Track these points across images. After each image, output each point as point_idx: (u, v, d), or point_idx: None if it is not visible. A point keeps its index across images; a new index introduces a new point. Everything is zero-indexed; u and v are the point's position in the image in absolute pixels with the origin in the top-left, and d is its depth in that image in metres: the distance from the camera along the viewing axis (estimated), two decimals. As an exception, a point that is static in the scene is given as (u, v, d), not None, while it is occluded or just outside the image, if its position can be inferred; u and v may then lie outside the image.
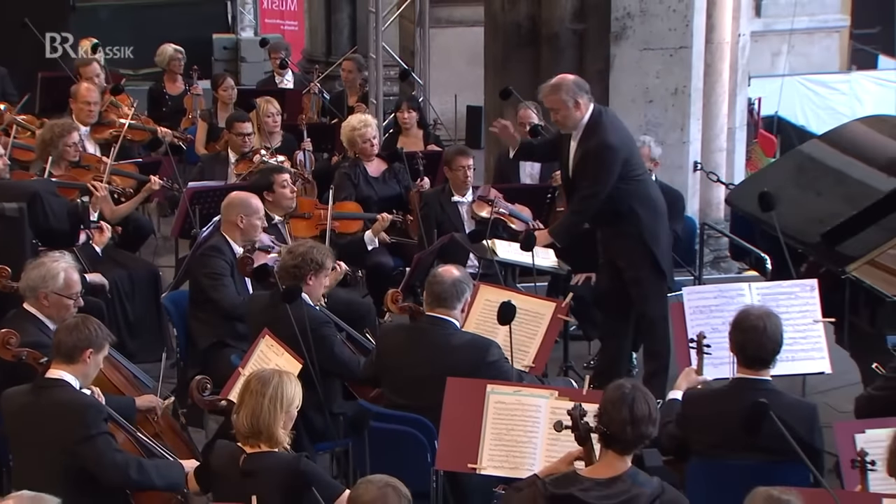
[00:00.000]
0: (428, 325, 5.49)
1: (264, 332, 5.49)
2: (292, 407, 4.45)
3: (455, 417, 5.00)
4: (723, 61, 9.24)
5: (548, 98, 6.66)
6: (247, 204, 6.51)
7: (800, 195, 7.37)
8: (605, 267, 7.02)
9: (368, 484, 3.67)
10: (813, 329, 5.75)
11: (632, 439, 4.10)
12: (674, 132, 8.81)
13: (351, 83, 10.23)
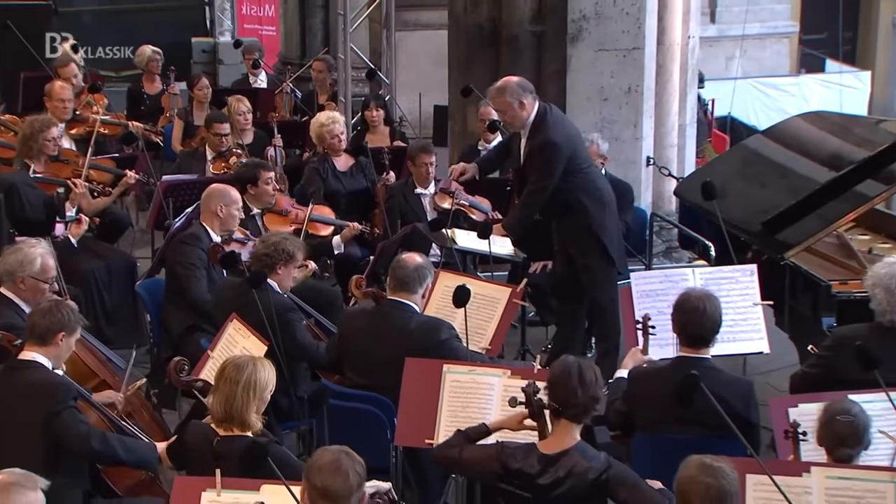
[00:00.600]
0: (389, 309, 5.51)
1: (232, 317, 5.49)
2: (265, 392, 4.45)
3: (413, 396, 5.03)
4: (673, 62, 9.27)
5: (494, 101, 6.73)
6: (226, 194, 6.51)
7: (745, 188, 7.45)
8: (560, 255, 7.07)
9: (324, 451, 3.69)
10: (752, 312, 5.82)
11: (583, 403, 4.18)
12: (627, 129, 8.84)
13: (321, 83, 10.24)
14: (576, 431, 4.24)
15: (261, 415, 4.41)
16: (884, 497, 4.05)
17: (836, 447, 4.27)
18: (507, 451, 4.28)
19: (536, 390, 4.32)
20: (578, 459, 4.18)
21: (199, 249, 6.31)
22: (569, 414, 4.21)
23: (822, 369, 5.12)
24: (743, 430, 4.85)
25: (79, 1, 15.92)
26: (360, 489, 3.64)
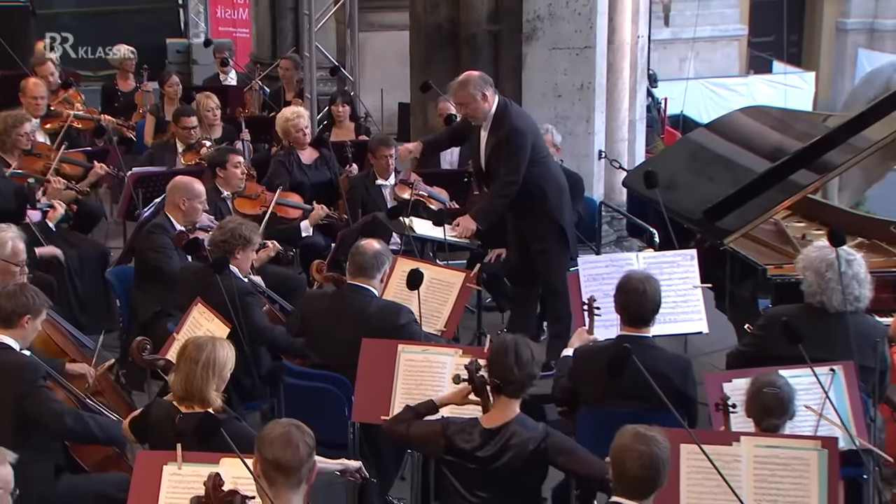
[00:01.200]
0: (349, 293, 5.52)
1: (197, 301, 5.49)
2: (224, 371, 4.45)
3: (369, 374, 5.05)
4: (623, 60, 9.32)
5: (457, 94, 6.71)
6: (190, 188, 6.49)
7: (689, 178, 7.52)
8: (515, 243, 7.09)
9: (275, 424, 3.69)
10: (692, 294, 5.86)
11: (520, 380, 4.23)
12: (580, 124, 8.86)
13: (288, 80, 10.23)
14: (515, 405, 4.29)
15: (221, 392, 4.41)
16: (807, 464, 4.10)
17: (763, 418, 4.33)
18: (451, 426, 4.31)
19: (478, 367, 4.35)
20: (518, 431, 4.22)
21: (166, 237, 6.30)
22: (507, 391, 4.25)
23: (756, 347, 5.18)
24: (681, 404, 4.93)
25: (57, 3, 15.82)
26: (310, 460, 3.64)
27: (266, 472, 3.59)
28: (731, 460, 4.17)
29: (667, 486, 4.08)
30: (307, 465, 3.62)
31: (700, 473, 4.13)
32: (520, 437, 4.21)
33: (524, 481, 4.27)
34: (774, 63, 21.02)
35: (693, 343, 6.63)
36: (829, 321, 5.03)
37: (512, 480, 4.24)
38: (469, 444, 4.25)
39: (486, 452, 4.22)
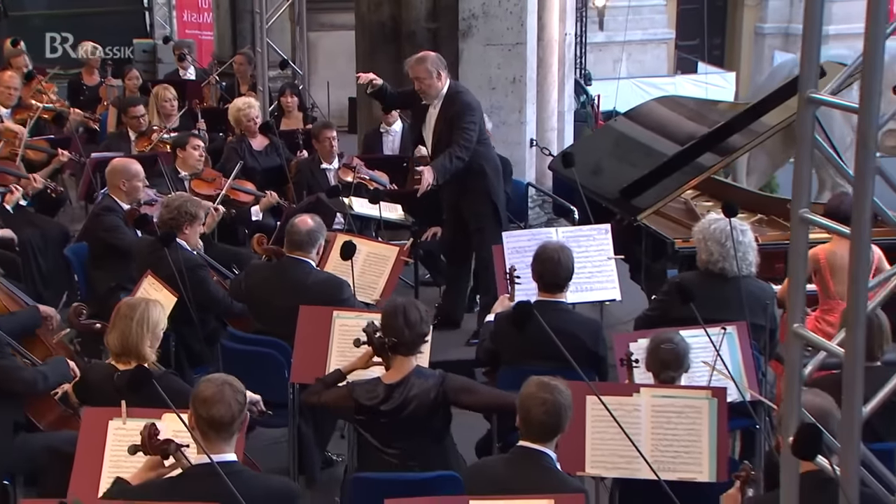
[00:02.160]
0: (289, 265, 5.51)
1: (147, 273, 5.48)
2: (157, 328, 4.45)
3: (306, 338, 5.04)
4: (552, 56, 9.38)
5: (414, 68, 6.67)
6: (127, 169, 6.45)
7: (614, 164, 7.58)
8: (451, 222, 7.09)
9: (208, 382, 3.65)
10: (606, 264, 5.92)
11: (410, 340, 4.27)
12: (513, 114, 8.91)
13: (242, 74, 10.21)
14: (413, 361, 4.32)
15: (155, 349, 4.41)
16: (699, 411, 4.19)
17: (661, 371, 4.40)
18: (357, 388, 4.33)
19: (375, 329, 4.36)
20: (417, 382, 4.27)
21: (115, 216, 6.28)
22: (400, 350, 4.29)
23: (660, 311, 5.26)
24: (592, 362, 5.01)
25: (29, 5, 15.65)
26: (241, 415, 3.61)
27: (200, 427, 3.57)
28: (632, 409, 4.25)
29: (574, 433, 4.17)
30: (238, 421, 3.60)
31: (603, 422, 4.20)
32: (420, 386, 4.26)
33: (432, 426, 4.31)
34: (699, 64, 21.22)
35: (611, 313, 6.69)
36: (725, 285, 5.12)
37: (422, 427, 4.28)
38: (374, 400, 4.27)
39: (391, 405, 4.25)
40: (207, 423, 3.54)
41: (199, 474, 3.53)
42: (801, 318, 3.07)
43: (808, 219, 3.05)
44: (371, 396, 4.28)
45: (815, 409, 3.39)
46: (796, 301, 3.08)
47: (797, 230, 3.07)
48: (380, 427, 4.30)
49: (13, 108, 8.72)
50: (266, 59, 9.18)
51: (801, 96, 3.01)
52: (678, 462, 4.16)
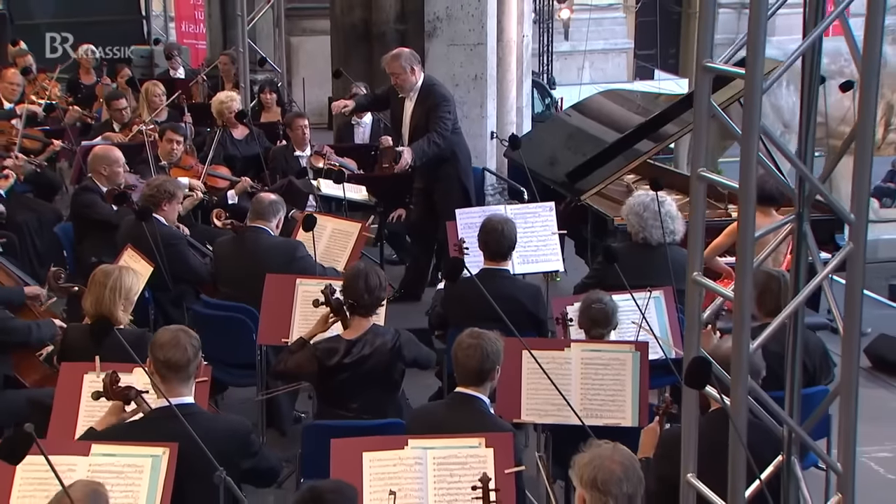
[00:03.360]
0: (249, 233, 5.57)
1: (127, 246, 5.49)
2: (131, 294, 4.46)
3: (272, 304, 5.07)
4: (511, 55, 9.41)
5: (390, 65, 6.75)
6: (107, 156, 6.47)
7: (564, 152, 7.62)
8: (418, 204, 7.12)
9: (165, 330, 3.68)
10: (551, 239, 5.95)
11: (369, 303, 4.32)
12: (475, 109, 8.95)
13: (227, 73, 10.21)
14: (370, 320, 4.37)
15: (128, 313, 4.42)
16: (624, 363, 4.23)
17: (591, 328, 4.45)
18: (318, 348, 4.37)
19: (333, 291, 4.41)
20: (374, 338, 4.30)
21: (93, 194, 6.28)
22: (360, 311, 4.33)
23: (596, 279, 5.30)
24: (533, 323, 5.05)
25: (35, 13, 15.56)
26: (196, 359, 3.64)
27: (158, 370, 3.60)
28: (564, 362, 4.29)
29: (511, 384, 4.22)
30: (194, 364, 3.63)
31: (537, 374, 4.22)
32: (377, 342, 4.30)
33: (389, 378, 4.35)
34: (655, 71, 21.34)
35: (557, 286, 6.74)
36: (651, 253, 5.18)
37: (379, 380, 4.32)
38: (335, 357, 4.30)
39: (352, 359, 4.29)
40: (165, 366, 3.57)
41: (158, 417, 3.56)
42: (700, 267, 3.12)
43: (705, 177, 3.10)
44: (333, 352, 4.31)
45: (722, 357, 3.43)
46: (695, 252, 3.12)
47: (696, 186, 3.11)
48: (340, 383, 4.32)
49: (15, 102, 8.71)
50: (247, 57, 9.18)
51: (698, 65, 3.06)
52: (604, 409, 4.21)
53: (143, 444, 3.48)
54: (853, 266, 2.91)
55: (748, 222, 2.88)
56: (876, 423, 5.15)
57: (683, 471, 3.16)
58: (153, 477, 3.46)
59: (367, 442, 3.60)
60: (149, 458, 3.48)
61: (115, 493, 3.43)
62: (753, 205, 2.89)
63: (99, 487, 2.95)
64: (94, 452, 3.50)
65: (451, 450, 3.55)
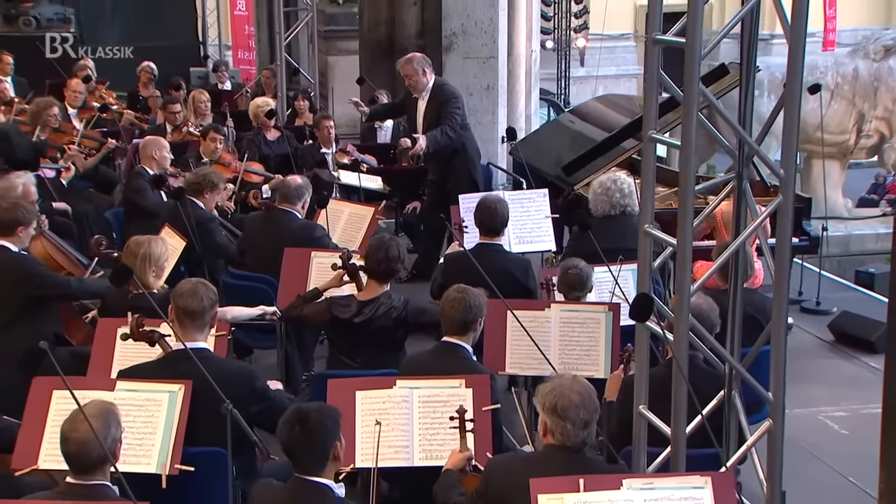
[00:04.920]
0: (278, 214, 5.63)
1: (165, 225, 5.61)
2: (160, 261, 4.54)
3: (290, 273, 5.13)
4: (520, 68, 9.49)
5: (404, 68, 6.86)
6: (158, 141, 6.61)
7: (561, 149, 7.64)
8: (431, 194, 7.17)
9: (186, 281, 3.77)
10: (544, 221, 5.97)
11: (384, 271, 4.37)
12: (487, 116, 9.02)
13: (268, 85, 10.31)
14: (384, 287, 4.41)
15: (160, 278, 4.51)
16: (598, 322, 4.26)
17: (568, 291, 4.48)
18: (334, 302, 4.43)
19: (350, 256, 4.49)
20: (385, 302, 4.36)
21: (142, 180, 6.39)
22: (376, 276, 4.38)
23: (574, 248, 5.33)
24: (523, 293, 5.06)
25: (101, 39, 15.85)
26: (212, 309, 3.70)
27: (178, 317, 3.68)
28: (544, 321, 4.33)
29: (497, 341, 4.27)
30: (209, 313, 3.69)
31: (520, 331, 4.26)
32: (387, 306, 4.35)
33: (393, 339, 4.40)
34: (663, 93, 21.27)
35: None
36: (618, 221, 5.27)
37: (384, 339, 4.37)
38: (347, 313, 4.37)
39: (360, 319, 4.34)
40: (183, 312, 3.65)
41: (176, 357, 3.64)
42: (650, 220, 3.16)
43: (655, 139, 3.15)
44: (345, 310, 4.37)
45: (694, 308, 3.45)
46: (647, 206, 3.17)
47: (647, 147, 3.16)
48: (348, 338, 4.38)
49: (79, 108, 8.92)
50: (283, 70, 9.33)
51: (647, 38, 3.11)
52: (580, 363, 4.23)
53: (162, 382, 3.58)
54: (783, 217, 2.94)
55: (689, 174, 2.92)
56: (834, 388, 5.15)
57: (636, 402, 3.20)
58: (170, 410, 3.54)
59: (359, 382, 3.67)
60: (166, 394, 3.56)
61: (137, 423, 3.53)
62: (694, 159, 2.93)
63: (111, 407, 3.03)
64: (119, 388, 3.59)
65: (435, 389, 3.61)
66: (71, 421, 2.92)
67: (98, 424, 2.87)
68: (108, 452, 2.87)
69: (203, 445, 3.51)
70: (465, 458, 3.25)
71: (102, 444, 2.85)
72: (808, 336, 6.19)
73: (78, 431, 2.88)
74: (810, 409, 5.11)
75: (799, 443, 4.68)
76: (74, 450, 2.89)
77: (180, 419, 3.52)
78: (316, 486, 2.90)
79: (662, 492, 2.70)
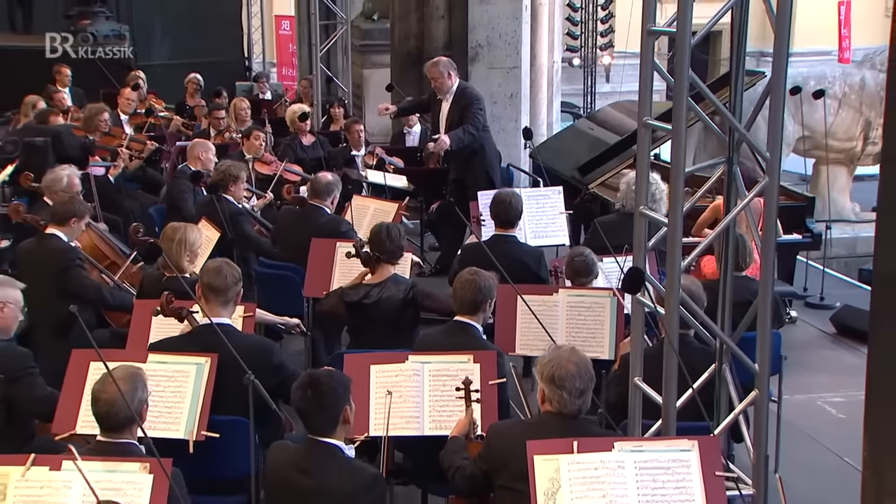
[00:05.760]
0: (309, 209, 5.70)
1: (202, 218, 5.70)
2: (194, 247, 4.61)
3: (317, 263, 5.19)
4: (542, 78, 9.51)
5: (430, 71, 6.92)
6: (205, 145, 6.74)
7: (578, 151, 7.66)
8: (453, 192, 7.18)
9: (213, 260, 3.84)
10: (559, 217, 5.98)
11: (391, 250, 4.43)
12: (510, 123, 9.02)
13: (306, 94, 10.45)
14: (391, 269, 4.46)
15: (193, 263, 4.59)
16: (603, 306, 4.27)
17: (575, 277, 4.49)
18: (344, 289, 4.49)
19: (363, 245, 4.55)
20: (392, 284, 4.40)
21: (185, 181, 6.50)
22: (383, 258, 4.43)
23: (589, 243, 5.33)
24: (536, 281, 5.08)
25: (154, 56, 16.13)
26: (236, 287, 3.78)
27: (204, 293, 3.76)
28: (553, 305, 4.34)
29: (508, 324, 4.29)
30: (233, 290, 3.77)
31: (530, 315, 4.28)
32: (394, 288, 4.40)
33: (403, 320, 4.44)
34: (684, 106, 21.14)
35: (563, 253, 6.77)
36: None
37: (394, 321, 4.41)
38: (357, 296, 4.42)
39: (370, 300, 4.40)
40: (209, 288, 3.72)
41: (202, 331, 3.71)
42: (645, 202, 3.17)
43: (650, 124, 3.16)
44: (356, 293, 4.42)
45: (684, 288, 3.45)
46: (641, 188, 3.18)
47: (641, 132, 3.17)
48: (362, 319, 4.43)
49: (130, 115, 9.11)
50: (319, 79, 9.46)
51: (643, 29, 3.12)
52: (586, 344, 4.22)
53: (190, 354, 3.64)
54: (769, 197, 2.94)
55: (679, 156, 2.93)
56: (833, 375, 5.11)
57: (631, 375, 3.21)
58: (197, 381, 3.61)
59: (374, 357, 3.71)
60: (194, 366, 3.63)
61: (166, 393, 3.60)
62: (684, 142, 2.94)
63: (138, 371, 3.10)
64: (151, 360, 3.66)
65: (444, 364, 3.63)
66: (101, 383, 3.00)
67: (125, 387, 2.94)
68: (134, 413, 2.93)
69: (227, 414, 3.58)
70: (470, 425, 3.28)
71: (129, 405, 2.92)
72: (811, 329, 6.15)
73: (107, 393, 2.95)
74: (810, 395, 5.08)
75: (798, 426, 4.65)
76: (104, 410, 2.96)
77: (206, 389, 3.59)
78: (327, 447, 2.94)
79: (651, 454, 2.71)
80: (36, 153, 6.57)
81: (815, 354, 5.69)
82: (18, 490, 2.86)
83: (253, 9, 17.93)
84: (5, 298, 3.78)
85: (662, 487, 2.66)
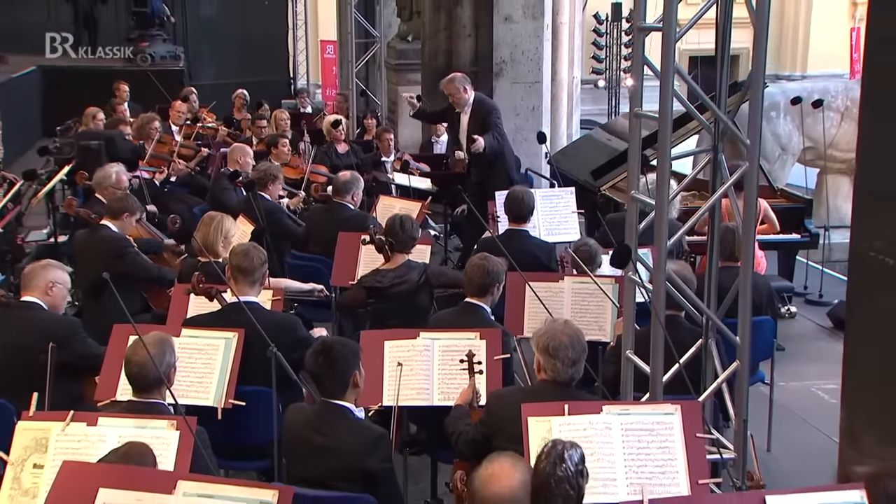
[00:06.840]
0: (334, 206, 5.80)
1: (240, 214, 5.81)
2: (229, 235, 4.71)
3: (343, 255, 5.26)
4: (563, 92, 9.55)
5: (447, 87, 7.00)
6: (244, 150, 6.88)
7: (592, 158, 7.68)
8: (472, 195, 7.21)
9: (241, 244, 3.94)
10: (571, 216, 6.01)
11: (404, 240, 4.49)
12: (532, 133, 8.92)
13: (340, 106, 10.65)
14: (405, 256, 4.52)
15: (227, 250, 4.67)
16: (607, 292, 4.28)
17: (579, 267, 4.50)
18: (363, 278, 4.56)
19: (377, 232, 4.62)
20: (406, 270, 4.46)
21: (226, 180, 6.64)
22: (397, 247, 4.50)
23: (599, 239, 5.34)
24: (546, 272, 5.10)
25: (204, 76, 16.45)
26: (262, 268, 3.87)
27: (233, 274, 3.86)
28: (558, 292, 4.37)
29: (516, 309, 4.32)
30: (259, 272, 3.86)
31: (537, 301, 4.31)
32: (409, 272, 4.46)
33: (419, 302, 4.49)
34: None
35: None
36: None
37: (410, 303, 4.46)
38: (374, 282, 4.49)
39: (385, 284, 4.47)
40: (237, 269, 3.82)
41: (231, 309, 3.81)
42: (637, 187, 3.20)
43: (641, 114, 3.19)
44: (372, 280, 4.49)
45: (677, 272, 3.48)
46: (633, 174, 3.21)
47: (633, 122, 3.21)
48: (380, 303, 4.48)
49: (181, 125, 9.31)
50: (354, 94, 9.58)
51: (634, 26, 3.16)
52: (589, 328, 4.24)
53: (219, 329, 3.74)
54: (749, 183, 2.96)
55: (665, 144, 2.97)
56: (828, 365, 5.06)
57: (623, 348, 3.23)
58: (226, 354, 3.70)
59: (388, 333, 3.77)
60: (223, 340, 3.73)
61: (197, 364, 3.70)
62: (670, 130, 2.97)
63: (167, 338, 3.19)
64: (184, 335, 3.76)
65: (453, 340, 3.68)
66: (133, 347, 3.10)
67: (154, 351, 3.04)
68: (162, 375, 3.02)
69: (253, 385, 3.66)
70: (473, 394, 3.32)
71: (157, 367, 3.01)
72: (809, 323, 6.13)
73: (138, 356, 3.05)
74: (805, 382, 5.05)
75: (791, 410, 4.63)
76: (135, 371, 3.06)
77: (234, 361, 3.68)
78: (339, 408, 3.01)
79: (637, 417, 2.73)
80: (90, 155, 6.75)
81: (811, 346, 5.68)
82: (59, 444, 2.96)
83: (298, 32, 18.20)
84: (54, 279, 3.91)
85: (647, 447, 2.68)
